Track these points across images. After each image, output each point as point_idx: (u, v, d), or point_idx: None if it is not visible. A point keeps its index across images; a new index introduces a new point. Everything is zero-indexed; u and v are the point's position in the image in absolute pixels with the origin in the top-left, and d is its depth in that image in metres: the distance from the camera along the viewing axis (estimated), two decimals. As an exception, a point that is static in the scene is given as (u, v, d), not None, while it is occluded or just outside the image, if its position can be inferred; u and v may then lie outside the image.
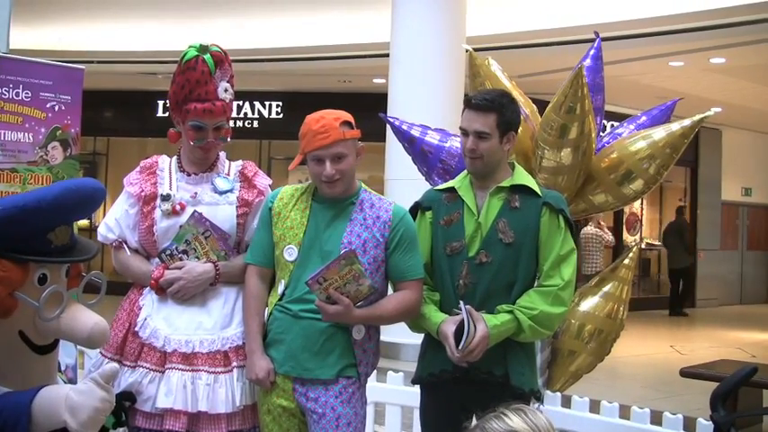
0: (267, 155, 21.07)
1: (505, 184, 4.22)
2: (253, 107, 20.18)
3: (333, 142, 3.98)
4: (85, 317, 3.00)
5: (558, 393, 5.43)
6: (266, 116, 20.43)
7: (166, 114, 19.67)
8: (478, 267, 4.14)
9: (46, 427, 2.74)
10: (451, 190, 4.32)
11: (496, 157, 4.20)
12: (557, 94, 5.16)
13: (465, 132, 4.20)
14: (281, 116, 20.27)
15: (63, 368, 5.42)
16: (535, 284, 4.18)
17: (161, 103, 20.56)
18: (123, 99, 20.60)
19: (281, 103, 20.30)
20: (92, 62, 6.32)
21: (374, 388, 4.13)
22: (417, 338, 4.44)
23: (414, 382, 4.47)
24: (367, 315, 4.00)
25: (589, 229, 17.30)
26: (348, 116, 4.09)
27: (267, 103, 20.36)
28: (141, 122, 21.09)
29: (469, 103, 4.19)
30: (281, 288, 4.12)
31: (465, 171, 4.35)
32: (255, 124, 20.34)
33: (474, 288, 4.14)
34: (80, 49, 16.70)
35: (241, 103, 19.88)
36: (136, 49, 17.32)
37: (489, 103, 4.15)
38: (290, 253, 4.08)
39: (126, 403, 3.78)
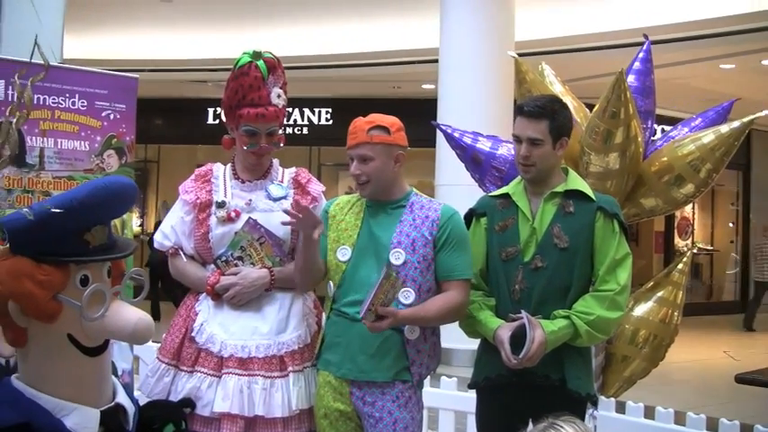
0: (317, 161, 21.13)
1: (559, 189, 4.21)
2: (302, 114, 20.26)
3: (357, 144, 4.06)
4: (129, 313, 3.02)
5: (612, 399, 5.41)
6: (316, 123, 20.51)
7: (216, 122, 20.01)
8: (533, 272, 4.13)
9: None
10: (505, 196, 4.31)
11: (550, 162, 4.19)
12: (600, 99, 5.15)
13: (518, 139, 4.18)
14: (330, 122, 20.33)
15: (120, 373, 5.48)
16: (590, 289, 4.16)
17: (211, 110, 20.73)
18: (174, 107, 20.76)
19: (330, 110, 20.37)
20: (143, 71, 6.38)
21: (427, 393, 4.14)
22: (469, 344, 4.44)
23: (470, 386, 4.45)
24: (413, 316, 4.00)
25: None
26: (386, 122, 4.10)
27: (317, 110, 20.43)
28: (192, 130, 21.24)
29: (521, 110, 4.18)
30: (330, 290, 4.14)
31: (519, 177, 4.35)
32: (305, 131, 20.42)
33: (529, 293, 4.12)
34: (131, 57, 16.85)
35: (291, 109, 19.91)
36: (187, 58, 17.44)
37: (541, 110, 4.14)
38: (344, 253, 4.11)
39: (186, 410, 3.80)
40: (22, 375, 3.14)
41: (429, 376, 4.31)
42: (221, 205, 4.22)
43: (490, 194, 4.51)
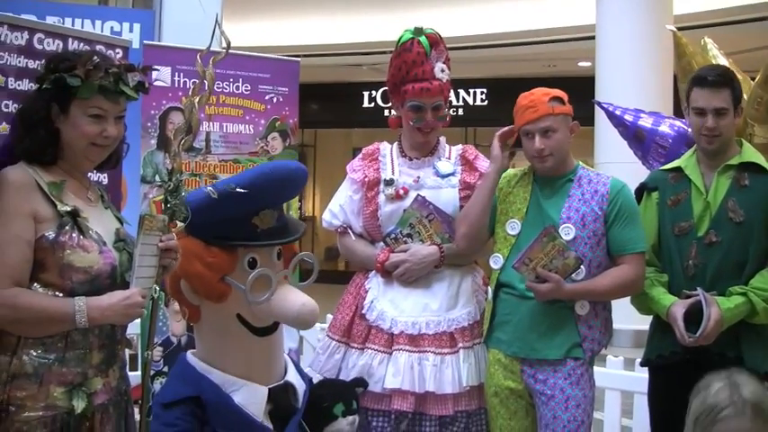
0: (473, 142, 21.06)
1: (734, 161, 4.10)
2: (457, 95, 20.16)
3: (540, 116, 3.97)
4: (294, 297, 3.07)
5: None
6: (471, 103, 20.43)
7: (372, 105, 20.13)
8: (708, 248, 4.04)
9: None
10: (677, 170, 4.22)
11: (731, 132, 4.11)
12: (762, 68, 5.01)
13: (701, 111, 4.07)
14: (485, 103, 20.22)
15: (287, 351, 5.59)
16: None
17: (366, 94, 20.86)
18: (330, 91, 20.92)
19: (485, 90, 20.23)
20: (298, 56, 6.48)
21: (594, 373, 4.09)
22: (632, 324, 4.39)
23: (642, 364, 4.40)
24: (581, 289, 3.95)
25: None
26: (560, 93, 4.06)
27: (472, 91, 20.34)
28: (347, 114, 21.46)
29: (704, 81, 4.06)
30: (498, 263, 4.11)
31: (691, 150, 4.26)
32: (460, 112, 20.34)
33: (703, 269, 4.03)
34: (286, 44, 17.05)
35: (446, 90, 19.86)
36: (342, 42, 17.58)
37: (723, 79, 4.06)
38: (513, 227, 4.08)
39: (358, 389, 3.84)
40: (197, 350, 3.24)
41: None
42: (389, 183, 4.25)
43: (662, 168, 4.43)
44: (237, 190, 2.93)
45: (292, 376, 3.35)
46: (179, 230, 3.17)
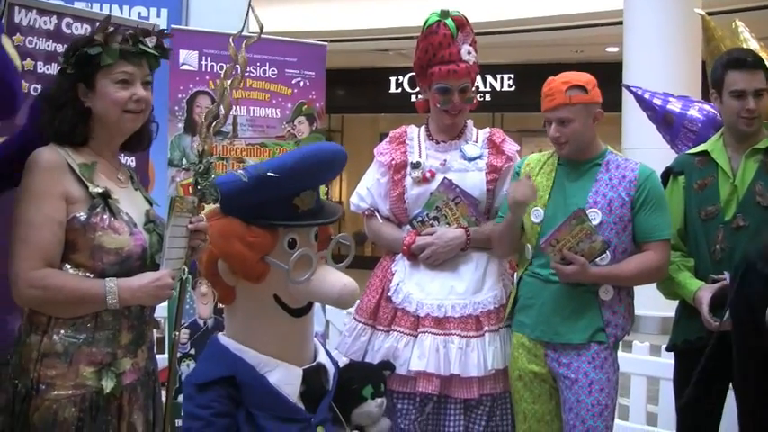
0: (500, 127, 20.97)
1: (761, 145, 4.10)
2: (484, 80, 20.10)
3: (556, 106, 3.99)
4: (335, 278, 3.08)
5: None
6: (498, 89, 20.37)
7: (399, 91, 20.09)
8: (735, 232, 4.04)
9: None
10: (704, 153, 4.22)
11: (766, 114, 4.11)
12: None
13: (741, 94, 4.06)
14: (512, 89, 20.14)
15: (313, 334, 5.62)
16: None
17: (393, 79, 20.85)
18: (356, 77, 20.92)
19: (512, 76, 20.15)
20: (325, 41, 6.49)
21: (619, 358, 4.09)
22: (658, 311, 4.39)
23: (668, 348, 4.41)
24: (605, 273, 3.96)
25: None
26: (583, 80, 4.04)
27: (499, 76, 20.26)
28: (374, 99, 21.49)
29: (744, 63, 4.07)
30: (529, 253, 4.13)
31: (717, 134, 4.26)
32: (488, 97, 20.26)
33: (730, 253, 4.02)
34: (313, 29, 17.04)
35: (473, 76, 19.82)
36: (368, 27, 17.56)
37: (758, 60, 4.08)
38: (537, 215, 4.08)
39: (386, 372, 3.86)
40: (229, 331, 3.25)
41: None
42: (416, 166, 4.26)
43: (688, 152, 4.42)
44: (269, 174, 2.94)
45: (323, 358, 3.36)
46: (212, 212, 3.19)
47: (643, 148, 8.38)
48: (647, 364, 5.86)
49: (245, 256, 3.02)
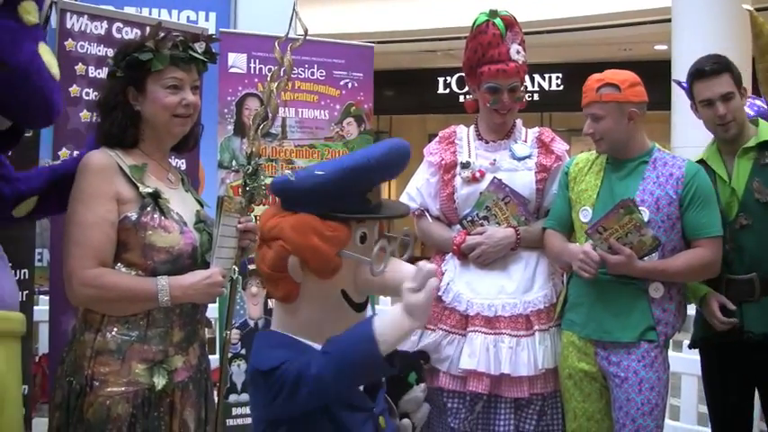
0: (549, 127, 20.92)
1: (751, 143, 4.15)
2: (533, 80, 20.04)
3: (588, 103, 4.05)
4: (408, 268, 3.09)
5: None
6: (546, 88, 20.29)
7: (447, 91, 20.08)
8: (740, 231, 4.08)
9: (393, 342, 2.80)
10: (701, 162, 4.26)
11: (743, 113, 4.23)
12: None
13: (709, 102, 4.16)
14: (560, 88, 20.07)
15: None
16: None
17: (441, 80, 20.83)
18: (404, 78, 20.95)
19: (560, 75, 20.08)
20: (372, 42, 6.51)
21: (669, 358, 4.08)
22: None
23: (690, 346, 4.50)
24: (652, 268, 3.93)
25: None
26: (617, 79, 4.03)
27: (547, 76, 20.20)
28: (422, 100, 21.45)
29: (702, 74, 4.21)
30: None
31: (711, 140, 4.34)
32: (536, 97, 20.20)
33: (740, 252, 4.08)
34: (361, 30, 17.08)
35: (521, 75, 19.77)
36: (416, 28, 17.56)
37: (719, 65, 4.19)
38: (585, 214, 4.08)
39: (421, 362, 3.88)
40: (286, 329, 3.25)
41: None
42: (466, 165, 4.26)
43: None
44: (316, 172, 2.94)
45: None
46: (276, 209, 3.20)
47: (692, 146, 8.29)
48: (698, 364, 5.81)
49: (323, 251, 3.00)
